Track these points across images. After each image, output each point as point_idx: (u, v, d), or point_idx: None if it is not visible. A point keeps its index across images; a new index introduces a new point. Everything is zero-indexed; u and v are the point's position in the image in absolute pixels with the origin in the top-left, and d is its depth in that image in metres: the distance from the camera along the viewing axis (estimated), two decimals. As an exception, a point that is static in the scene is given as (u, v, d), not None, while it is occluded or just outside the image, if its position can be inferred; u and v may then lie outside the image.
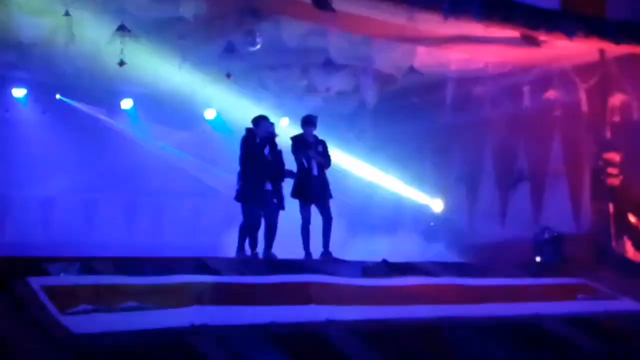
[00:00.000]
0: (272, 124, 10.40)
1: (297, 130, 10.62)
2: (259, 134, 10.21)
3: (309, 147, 10.48)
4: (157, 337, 6.46)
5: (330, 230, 10.50)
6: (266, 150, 10.21)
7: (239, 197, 10.20)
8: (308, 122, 10.68)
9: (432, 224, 15.85)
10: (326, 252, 10.45)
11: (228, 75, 10.10)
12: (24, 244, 12.37)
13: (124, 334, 6.39)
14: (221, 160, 14.07)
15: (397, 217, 16.58)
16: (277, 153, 10.42)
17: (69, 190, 14.53)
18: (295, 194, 10.49)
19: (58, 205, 14.62)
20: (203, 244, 12.82)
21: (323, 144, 10.70)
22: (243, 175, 10.21)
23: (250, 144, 10.17)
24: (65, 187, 14.44)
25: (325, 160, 10.58)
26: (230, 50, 9.66)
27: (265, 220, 10.19)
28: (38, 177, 13.99)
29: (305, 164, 10.47)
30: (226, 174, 12.29)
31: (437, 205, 16.03)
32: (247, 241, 10.19)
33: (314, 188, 10.43)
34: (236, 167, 10.44)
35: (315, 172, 10.46)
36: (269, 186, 10.22)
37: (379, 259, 10.20)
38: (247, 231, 10.18)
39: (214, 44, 10.18)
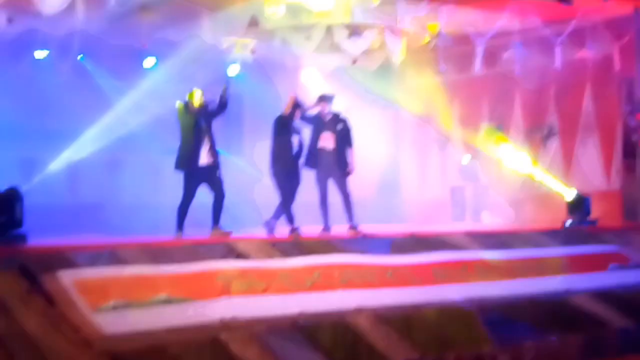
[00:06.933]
0: None
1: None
2: None
3: (322, 124, 10.43)
4: (187, 335, 6.48)
5: (349, 204, 10.52)
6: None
7: None
8: (322, 99, 10.60)
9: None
10: (351, 224, 10.48)
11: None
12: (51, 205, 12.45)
13: (153, 333, 6.41)
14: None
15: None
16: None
17: (95, 151, 14.44)
18: (307, 163, 10.50)
19: (84, 167, 14.56)
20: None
21: (343, 122, 10.57)
22: None
23: None
24: (91, 148, 14.35)
25: (342, 140, 10.48)
26: (254, 24, 9.44)
27: None
28: (66, 140, 13.90)
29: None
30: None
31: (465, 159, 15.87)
32: None
33: (326, 162, 10.40)
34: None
35: (328, 145, 10.40)
36: None
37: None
38: None
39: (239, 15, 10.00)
